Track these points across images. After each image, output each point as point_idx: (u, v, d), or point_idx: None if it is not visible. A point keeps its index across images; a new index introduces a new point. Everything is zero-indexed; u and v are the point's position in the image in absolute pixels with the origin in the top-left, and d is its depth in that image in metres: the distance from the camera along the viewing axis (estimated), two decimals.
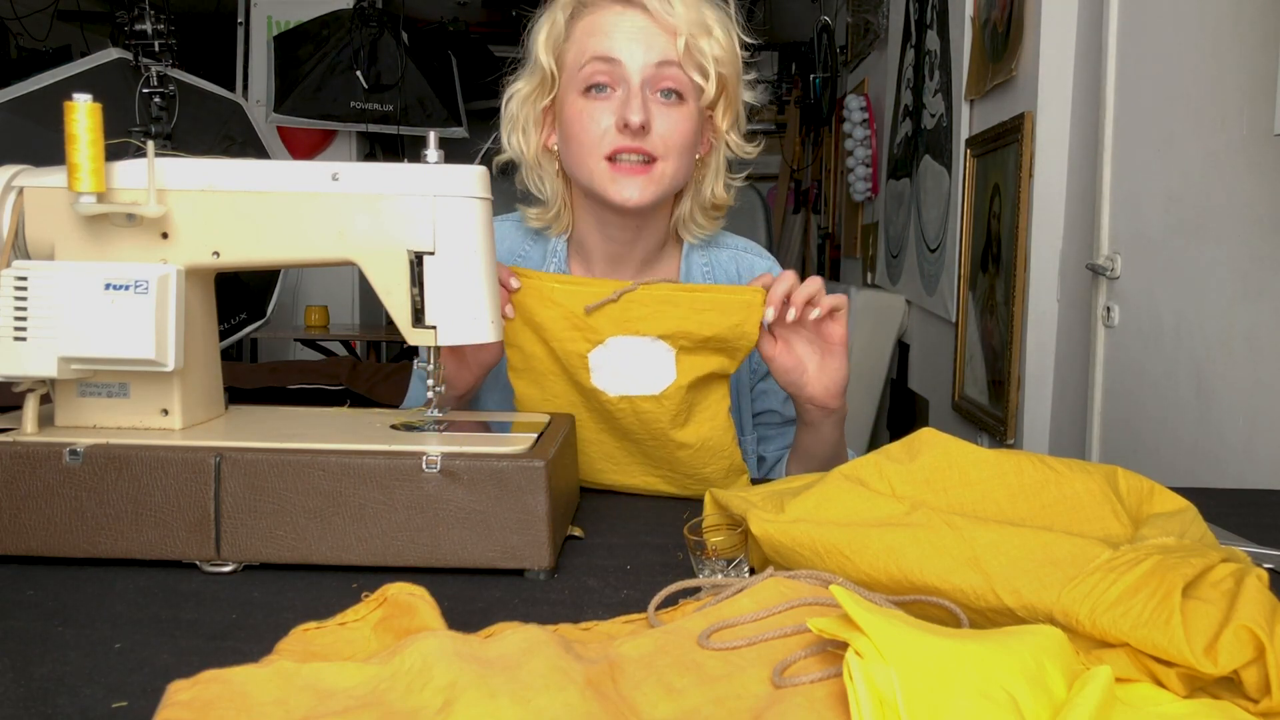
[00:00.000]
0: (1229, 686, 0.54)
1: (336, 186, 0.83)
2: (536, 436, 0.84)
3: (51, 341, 0.79)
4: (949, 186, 2.72)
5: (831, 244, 4.83)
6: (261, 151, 3.77)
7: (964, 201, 2.53)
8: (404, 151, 4.55)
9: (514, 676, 0.50)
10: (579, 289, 0.97)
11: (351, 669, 0.52)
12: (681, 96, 1.07)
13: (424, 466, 0.76)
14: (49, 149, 0.94)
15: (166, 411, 0.84)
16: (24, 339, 0.79)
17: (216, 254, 0.83)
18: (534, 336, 0.99)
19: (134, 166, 0.81)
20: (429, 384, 0.89)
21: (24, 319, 0.79)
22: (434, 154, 0.84)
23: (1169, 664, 0.54)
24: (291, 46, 4.34)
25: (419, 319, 0.84)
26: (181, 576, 0.76)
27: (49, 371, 0.79)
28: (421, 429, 0.86)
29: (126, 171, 0.81)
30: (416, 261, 0.83)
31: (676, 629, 0.58)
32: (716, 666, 0.54)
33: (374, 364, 3.22)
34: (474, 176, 0.84)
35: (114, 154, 0.80)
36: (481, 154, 1.14)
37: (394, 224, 0.83)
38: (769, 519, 0.71)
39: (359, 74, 4.27)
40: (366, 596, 0.64)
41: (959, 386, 2.61)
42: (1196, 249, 1.49)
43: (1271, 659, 0.51)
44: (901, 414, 3.41)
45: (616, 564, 0.80)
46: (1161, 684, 0.55)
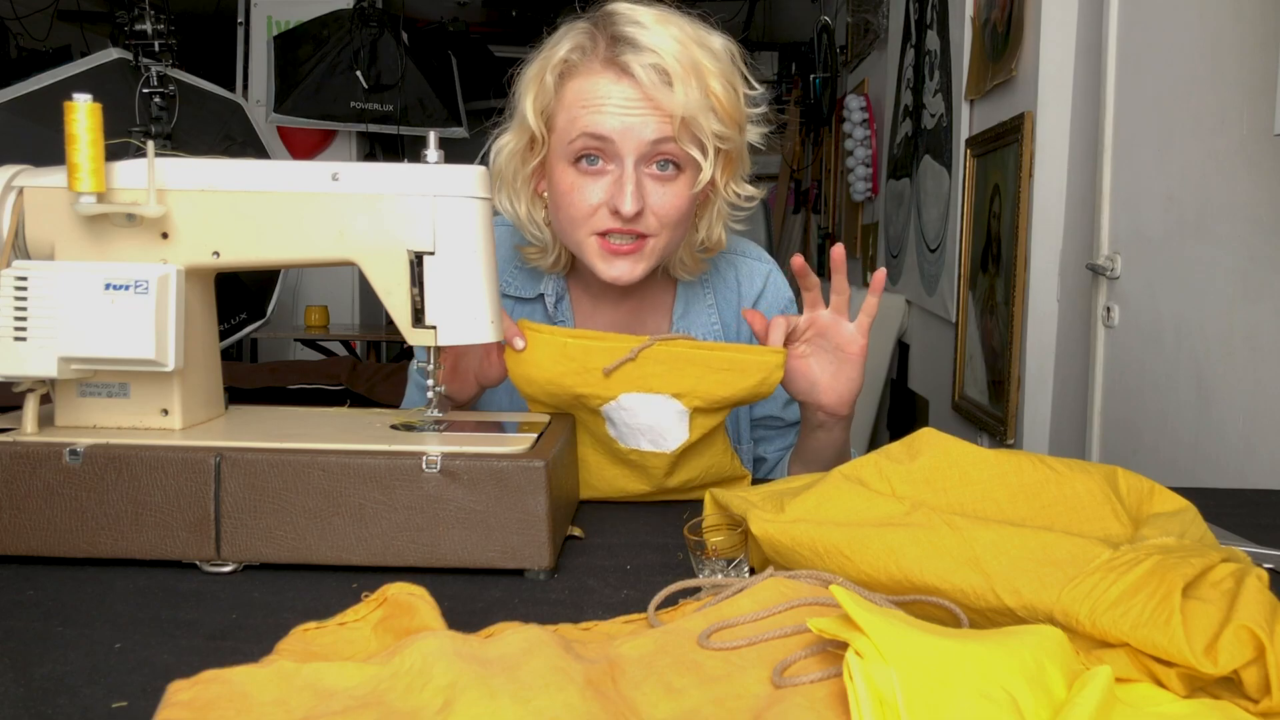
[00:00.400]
0: (1229, 686, 0.54)
1: (336, 186, 0.83)
2: (536, 436, 0.84)
3: (51, 341, 0.79)
4: (949, 186, 2.72)
5: (831, 244, 4.82)
6: (261, 151, 3.77)
7: (964, 201, 2.53)
8: (404, 151, 4.55)
9: (514, 676, 0.50)
10: (593, 344, 0.93)
11: (351, 669, 0.52)
12: (679, 167, 1.02)
13: (424, 466, 0.76)
14: (49, 149, 0.94)
15: (166, 411, 0.84)
16: (24, 339, 0.79)
17: (216, 254, 0.83)
18: (546, 389, 0.96)
19: (134, 166, 0.81)
20: (429, 384, 0.89)
21: (24, 319, 0.79)
22: (434, 154, 0.84)
23: (1169, 664, 0.54)
24: (291, 46, 4.34)
25: (419, 319, 0.84)
26: (181, 576, 0.76)
27: (49, 371, 0.79)
28: (421, 429, 0.86)
29: (126, 171, 0.81)
30: (416, 261, 0.83)
31: (676, 629, 0.58)
32: (716, 666, 0.54)
33: (374, 364, 3.22)
34: (474, 176, 0.84)
35: (114, 154, 0.80)
36: (481, 154, 1.13)
37: (394, 224, 0.83)
38: (769, 519, 0.71)
39: (359, 74, 4.27)
40: (366, 596, 0.64)
41: (959, 386, 2.61)
42: (1196, 249, 1.49)
43: (1271, 659, 0.51)
44: (901, 414, 3.41)
45: (616, 564, 0.80)
46: (1161, 684, 0.55)
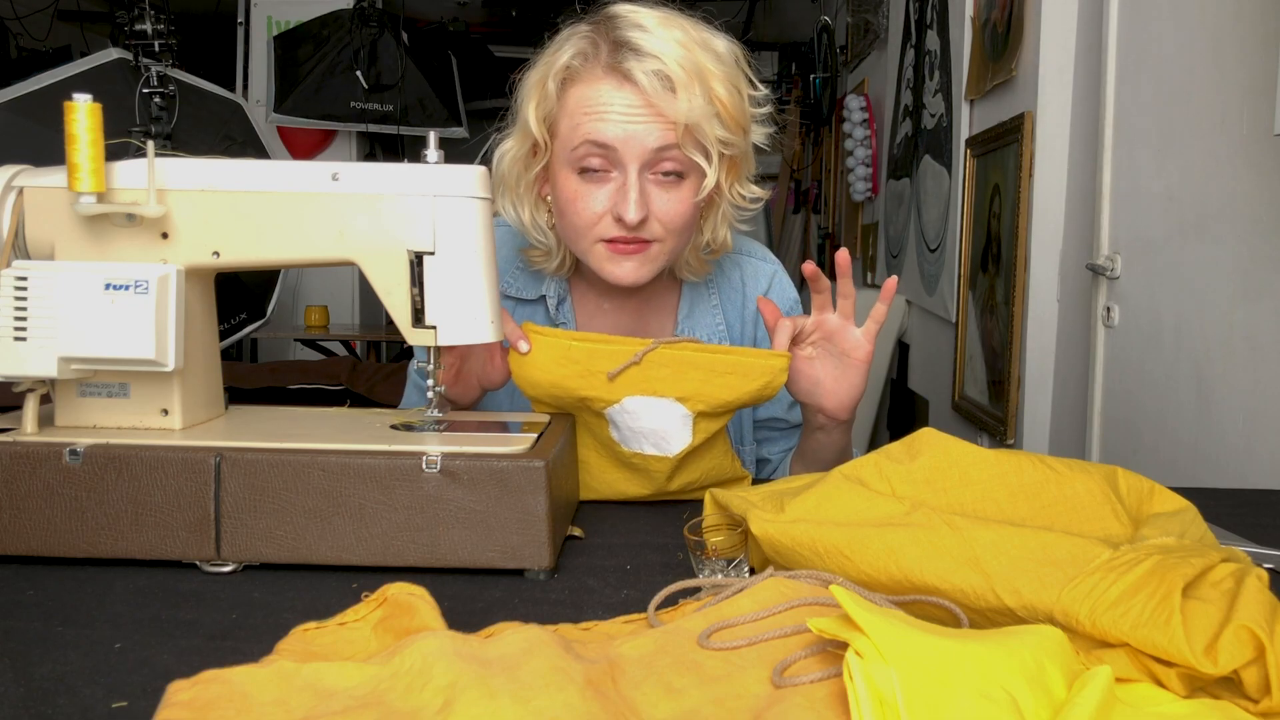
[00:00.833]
0: (1229, 686, 0.54)
1: (336, 186, 0.83)
2: (536, 436, 0.84)
3: (51, 341, 0.79)
4: (949, 186, 2.72)
5: (831, 244, 4.83)
6: (261, 151, 3.77)
7: (964, 201, 2.53)
8: (404, 151, 4.55)
9: (514, 676, 0.50)
10: (597, 347, 0.93)
11: (351, 669, 0.52)
12: (682, 175, 1.02)
13: (424, 466, 0.76)
14: (49, 149, 0.94)
15: (166, 411, 0.84)
16: (24, 339, 0.79)
17: (216, 254, 0.83)
18: (550, 391, 0.96)
19: (134, 166, 0.81)
20: (429, 384, 0.89)
21: (24, 319, 0.79)
22: (434, 154, 0.84)
23: (1169, 664, 0.54)
24: (291, 46, 4.34)
25: (419, 319, 0.84)
26: (181, 576, 0.76)
27: (49, 371, 0.79)
28: (421, 429, 0.86)
29: (126, 171, 0.81)
30: (416, 261, 0.83)
31: (676, 629, 0.58)
32: (716, 666, 0.54)
33: (374, 364, 3.21)
34: (474, 176, 0.84)
35: (114, 154, 0.80)
36: (482, 154, 1.13)
37: (394, 224, 0.83)
38: (769, 519, 0.71)
39: (359, 74, 4.27)
40: (366, 596, 0.64)
41: (959, 386, 2.61)
42: (1196, 249, 1.49)
43: (1271, 659, 0.51)
44: (901, 414, 3.41)
45: (616, 564, 0.80)
46: (1161, 684, 0.55)
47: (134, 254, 0.82)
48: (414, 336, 0.85)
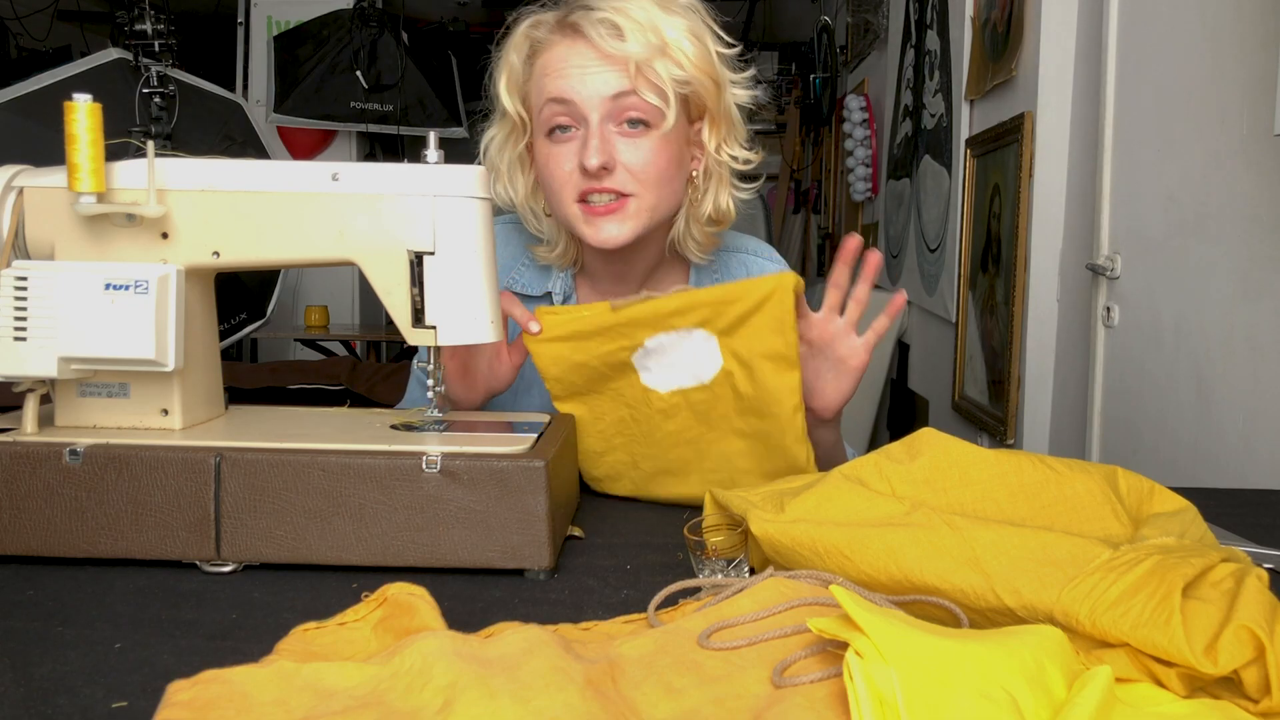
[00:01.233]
0: (1229, 686, 0.54)
1: (336, 186, 0.83)
2: (536, 436, 0.84)
3: (51, 341, 0.79)
4: (949, 186, 2.72)
5: (831, 244, 4.83)
6: (261, 151, 3.77)
7: (964, 201, 2.53)
8: (404, 151, 4.56)
9: (514, 676, 0.50)
10: (606, 305, 0.95)
11: (351, 669, 0.52)
12: (649, 124, 1.03)
13: (424, 466, 0.76)
14: (49, 149, 0.94)
15: (166, 411, 0.84)
16: (24, 339, 0.79)
17: (216, 254, 0.83)
18: (569, 363, 0.97)
19: (134, 166, 0.81)
20: (429, 384, 0.89)
21: (24, 319, 0.79)
22: (434, 154, 0.84)
23: (1169, 664, 0.54)
24: (291, 46, 4.34)
25: (419, 319, 0.84)
26: (181, 576, 0.76)
27: (49, 371, 0.79)
28: (421, 429, 0.86)
29: (126, 171, 0.81)
30: (416, 261, 0.83)
31: (676, 629, 0.58)
32: (716, 666, 0.54)
33: (374, 364, 3.21)
34: (474, 176, 0.84)
35: (114, 154, 0.80)
36: (480, 154, 1.14)
37: (394, 224, 0.83)
38: (769, 519, 0.71)
39: (359, 74, 4.27)
40: (366, 596, 0.64)
41: (959, 386, 2.61)
42: (1196, 249, 1.49)
43: (1271, 659, 0.51)
44: (901, 414, 3.41)
45: (616, 564, 0.80)
46: (1161, 684, 0.55)
47: (134, 254, 0.82)
48: (414, 336, 0.85)
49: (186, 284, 0.83)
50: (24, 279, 0.79)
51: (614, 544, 0.86)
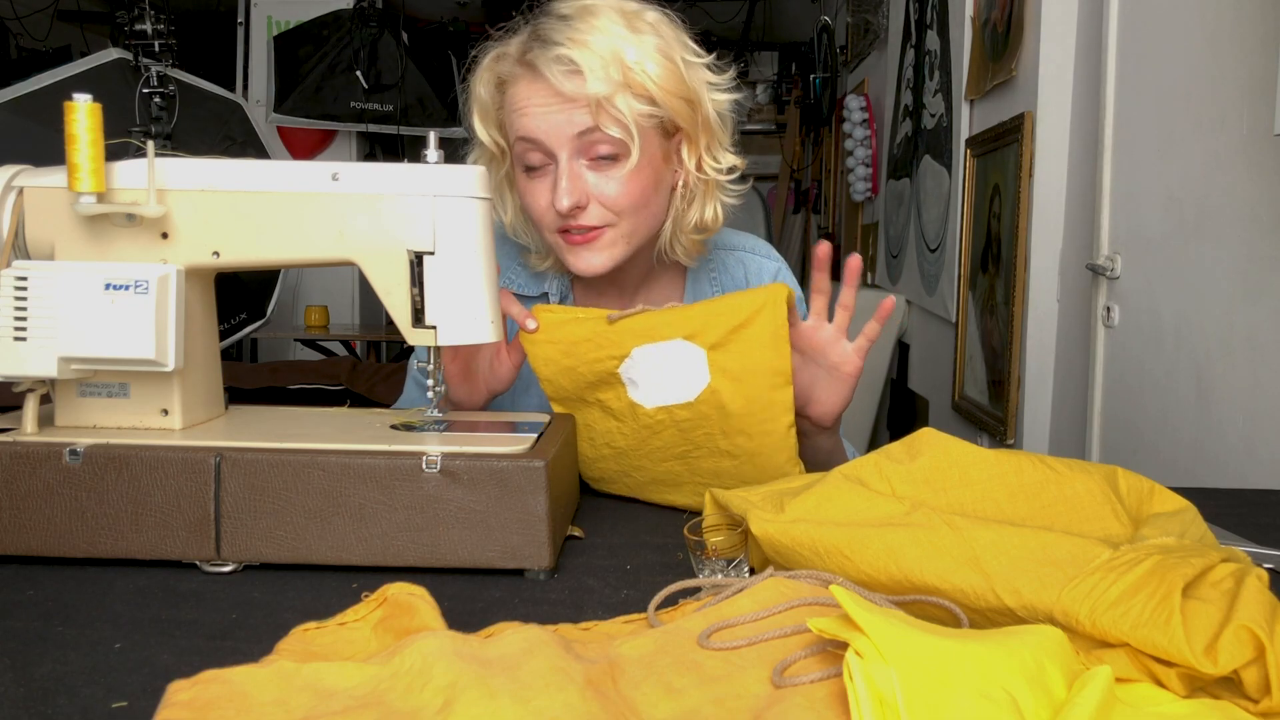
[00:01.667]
0: (1229, 686, 0.54)
1: (336, 186, 0.83)
2: (536, 436, 0.84)
3: (51, 341, 0.79)
4: (949, 186, 2.72)
5: (831, 244, 4.82)
6: (261, 151, 3.77)
7: (964, 201, 2.53)
8: (404, 151, 4.55)
9: (514, 676, 0.50)
10: (602, 312, 0.95)
11: (351, 669, 0.52)
12: (618, 156, 1.01)
13: (424, 466, 0.76)
14: (49, 149, 0.94)
15: (166, 411, 0.84)
16: (24, 339, 0.79)
17: (216, 254, 0.83)
18: (559, 366, 0.96)
19: (134, 166, 0.81)
20: (429, 384, 0.89)
21: (24, 319, 0.79)
22: (434, 154, 0.84)
23: (1169, 664, 0.54)
24: (291, 46, 4.34)
25: (419, 319, 0.84)
26: (181, 576, 0.76)
27: (49, 371, 0.79)
28: (421, 429, 0.86)
29: (126, 171, 0.81)
30: (416, 261, 0.83)
31: (676, 629, 0.58)
32: (716, 666, 0.54)
33: (374, 364, 3.22)
34: (474, 176, 0.84)
35: (114, 154, 0.80)
36: None
37: (394, 224, 0.83)
38: (769, 519, 0.71)
39: (359, 74, 4.27)
40: (366, 596, 0.64)
41: (959, 386, 2.61)
42: (1196, 249, 1.49)
43: (1271, 659, 0.51)
44: (901, 414, 3.41)
45: (616, 564, 0.80)
46: (1161, 684, 0.55)
47: (134, 254, 0.82)
48: (414, 336, 0.85)
49: (186, 284, 0.83)
50: (24, 279, 0.79)
51: (614, 544, 0.86)
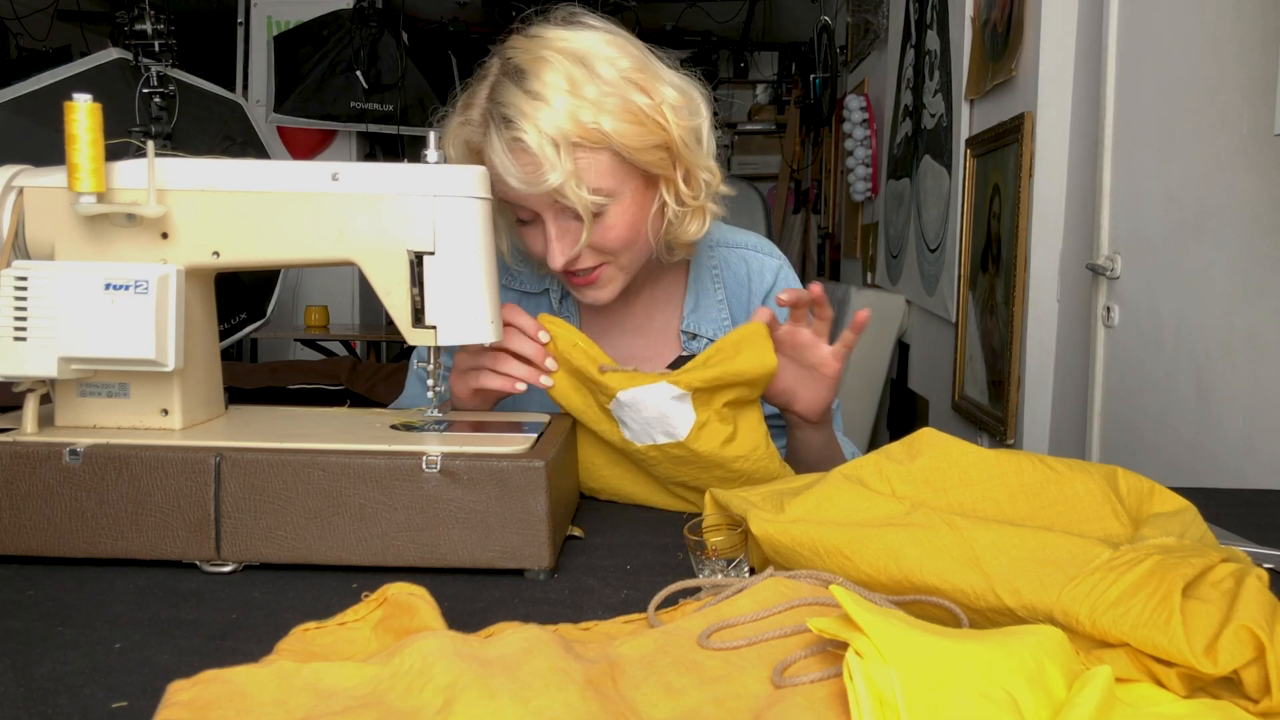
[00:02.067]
0: (1229, 686, 0.54)
1: (336, 186, 0.83)
2: (536, 436, 0.84)
3: (51, 341, 0.79)
4: (949, 186, 2.72)
5: (831, 244, 4.83)
6: (261, 151, 3.77)
7: (964, 201, 2.53)
8: (404, 151, 4.55)
9: (514, 676, 0.50)
10: (594, 363, 0.95)
11: (351, 669, 0.52)
12: (599, 210, 1.00)
13: (424, 466, 0.76)
14: (49, 149, 0.94)
15: (166, 411, 0.84)
16: (24, 339, 0.79)
17: (216, 254, 0.83)
18: (569, 386, 0.96)
19: (134, 166, 0.81)
20: (429, 384, 0.89)
21: (24, 319, 0.79)
22: (434, 154, 0.84)
23: (1169, 664, 0.54)
24: (291, 46, 4.34)
25: (419, 319, 0.84)
26: (181, 576, 0.76)
27: (49, 371, 0.79)
28: (421, 429, 0.86)
29: (126, 171, 0.81)
30: (416, 261, 0.83)
31: (676, 629, 0.58)
32: (716, 666, 0.54)
33: (374, 364, 3.21)
34: (474, 176, 0.84)
35: (114, 154, 0.80)
36: None
37: (394, 224, 0.83)
38: (769, 519, 0.71)
39: (359, 74, 4.27)
40: (366, 596, 0.64)
41: (959, 386, 2.61)
42: (1196, 249, 1.49)
43: (1271, 659, 0.51)
44: (901, 414, 3.41)
45: (616, 564, 0.80)
46: (1161, 684, 0.55)
47: (134, 254, 0.82)
48: (414, 336, 0.85)
49: (186, 284, 0.83)
50: (24, 279, 0.79)
51: (614, 544, 0.86)
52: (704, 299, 1.20)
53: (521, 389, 0.95)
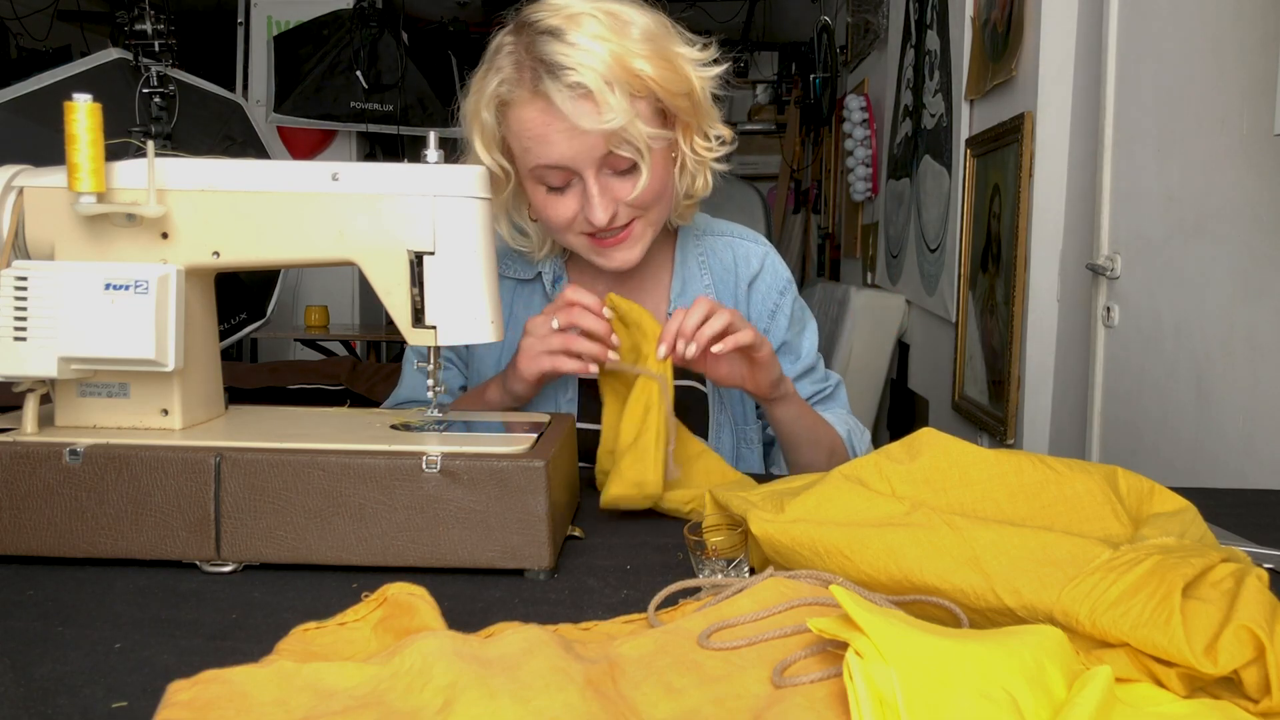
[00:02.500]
0: (1229, 686, 0.54)
1: (336, 186, 0.83)
2: (537, 436, 0.84)
3: (51, 341, 0.79)
4: (949, 186, 2.72)
5: (831, 244, 4.83)
6: (261, 151, 3.77)
7: (964, 201, 2.53)
8: (404, 151, 4.55)
9: (514, 676, 0.50)
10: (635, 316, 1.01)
11: (351, 669, 0.52)
12: (638, 164, 1.03)
13: (424, 466, 0.76)
14: (49, 149, 0.94)
15: (166, 411, 0.84)
16: (24, 339, 0.79)
17: (216, 254, 0.83)
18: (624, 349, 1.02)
19: (134, 166, 0.81)
20: (429, 384, 0.89)
21: (24, 319, 0.79)
22: (434, 154, 0.84)
23: (1169, 664, 0.54)
24: (291, 46, 4.34)
25: (419, 319, 0.84)
26: (181, 576, 0.76)
27: (49, 371, 0.79)
28: (421, 429, 0.86)
29: (126, 171, 0.81)
30: (416, 261, 0.83)
31: (676, 629, 0.58)
32: (716, 666, 0.54)
33: (374, 364, 3.21)
34: (474, 176, 0.84)
35: (114, 154, 0.80)
36: None
37: (394, 224, 0.83)
38: (769, 519, 0.71)
39: (359, 74, 4.27)
40: (366, 596, 0.64)
41: (959, 386, 2.61)
42: (1196, 249, 1.49)
43: (1271, 659, 0.51)
44: (901, 414, 3.41)
45: (616, 564, 0.80)
46: (1161, 684, 0.55)
47: (134, 254, 0.82)
48: (414, 336, 0.85)
49: (186, 284, 0.83)
50: (24, 279, 0.79)
51: (614, 544, 0.86)
52: (690, 285, 1.22)
53: (595, 370, 0.99)
